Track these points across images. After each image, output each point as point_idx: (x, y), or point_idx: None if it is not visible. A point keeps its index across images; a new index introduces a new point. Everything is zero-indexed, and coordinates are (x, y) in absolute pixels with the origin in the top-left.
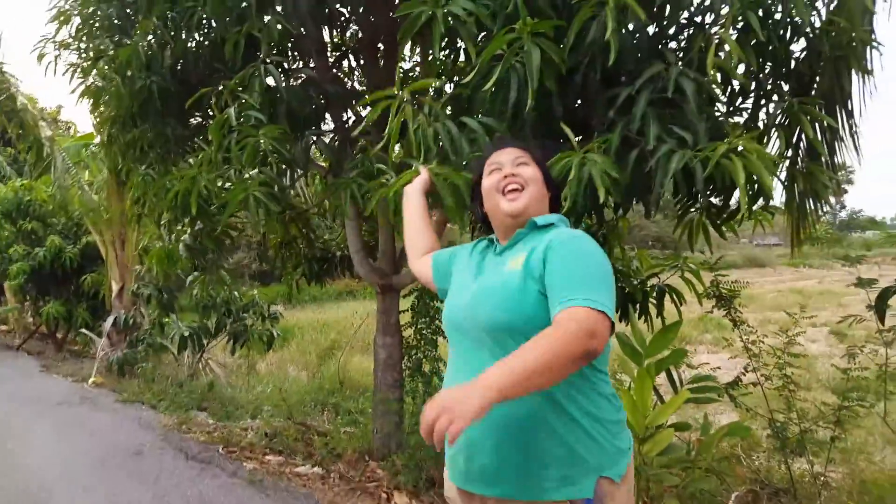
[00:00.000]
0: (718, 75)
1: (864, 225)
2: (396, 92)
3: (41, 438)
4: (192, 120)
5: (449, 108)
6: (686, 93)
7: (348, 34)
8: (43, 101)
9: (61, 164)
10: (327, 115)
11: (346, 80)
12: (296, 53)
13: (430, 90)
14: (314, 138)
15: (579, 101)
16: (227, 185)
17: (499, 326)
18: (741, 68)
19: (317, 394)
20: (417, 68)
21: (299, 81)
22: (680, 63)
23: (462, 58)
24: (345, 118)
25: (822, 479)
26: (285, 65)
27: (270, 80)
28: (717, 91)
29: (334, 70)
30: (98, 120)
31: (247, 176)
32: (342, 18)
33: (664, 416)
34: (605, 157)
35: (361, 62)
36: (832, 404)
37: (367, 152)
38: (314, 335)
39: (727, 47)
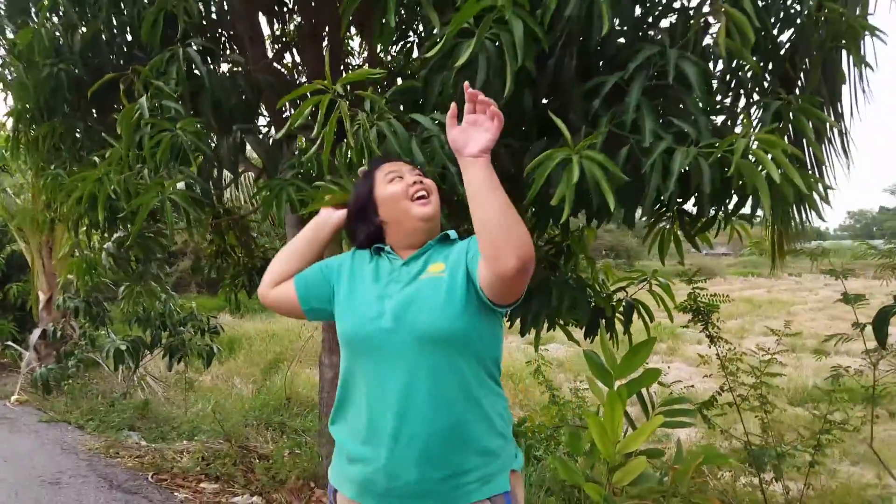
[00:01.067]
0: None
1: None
2: (330, 86)
3: None
4: (111, 114)
5: (400, 106)
6: (689, 79)
7: (291, 26)
8: None
9: None
10: (261, 110)
11: (286, 74)
12: (226, 41)
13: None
14: (243, 135)
15: (548, 92)
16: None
17: (437, 336)
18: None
19: (261, 411)
20: (366, 64)
21: (227, 70)
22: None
23: (415, 53)
24: (285, 114)
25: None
26: (213, 50)
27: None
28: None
29: (274, 63)
30: (5, 114)
31: (161, 177)
32: (284, 8)
33: (636, 444)
34: (603, 155)
35: (304, 55)
36: (802, 421)
37: (304, 152)
38: (262, 345)
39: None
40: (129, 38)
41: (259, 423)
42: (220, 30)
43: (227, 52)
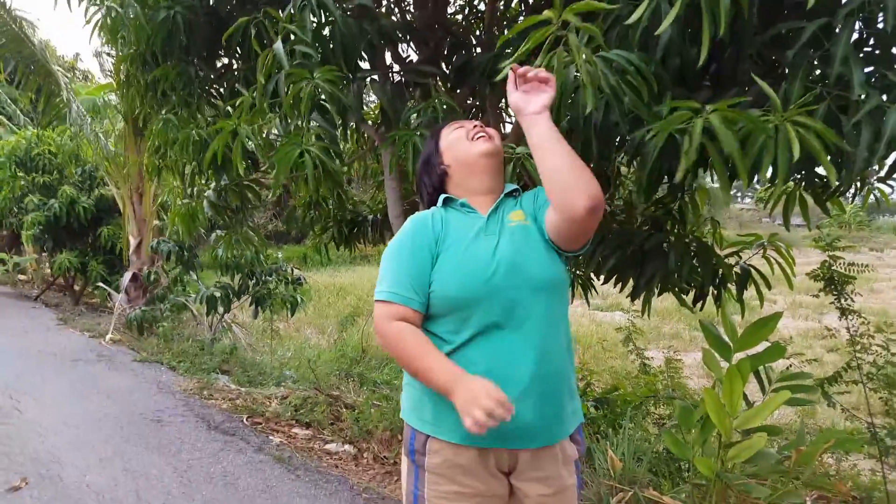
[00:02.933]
0: None
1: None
2: (556, 16)
3: (55, 399)
4: (220, 60)
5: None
6: None
7: None
8: (61, 49)
9: (76, 112)
10: (386, 55)
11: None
12: None
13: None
14: (367, 81)
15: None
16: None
17: (549, 282)
18: None
19: (339, 362)
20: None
21: (354, 12)
22: None
23: None
24: (408, 58)
25: None
26: None
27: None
28: None
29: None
30: (115, 59)
31: (294, 127)
32: None
33: (758, 420)
34: (822, 123)
35: None
36: None
37: (433, 96)
38: (331, 299)
39: None
40: None
41: (340, 373)
42: None
43: None
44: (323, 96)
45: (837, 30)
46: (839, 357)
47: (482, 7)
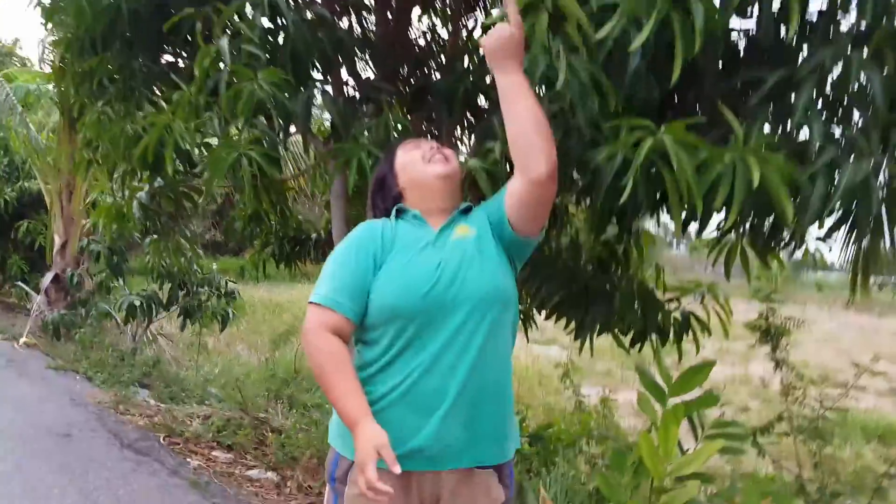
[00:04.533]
0: None
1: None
2: None
3: None
4: (165, 55)
5: None
6: (875, 89)
7: None
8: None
9: (4, 101)
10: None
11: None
12: None
13: None
14: (317, 92)
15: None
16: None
17: (490, 294)
18: None
19: (269, 382)
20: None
21: (308, 19)
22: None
23: None
24: (365, 76)
25: None
26: None
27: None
28: None
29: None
30: (51, 43)
31: (233, 131)
32: None
33: (692, 467)
34: (783, 158)
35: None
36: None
37: (384, 113)
38: (266, 315)
39: None
40: None
41: (269, 394)
42: None
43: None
44: (266, 100)
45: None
46: (763, 405)
47: (444, 35)
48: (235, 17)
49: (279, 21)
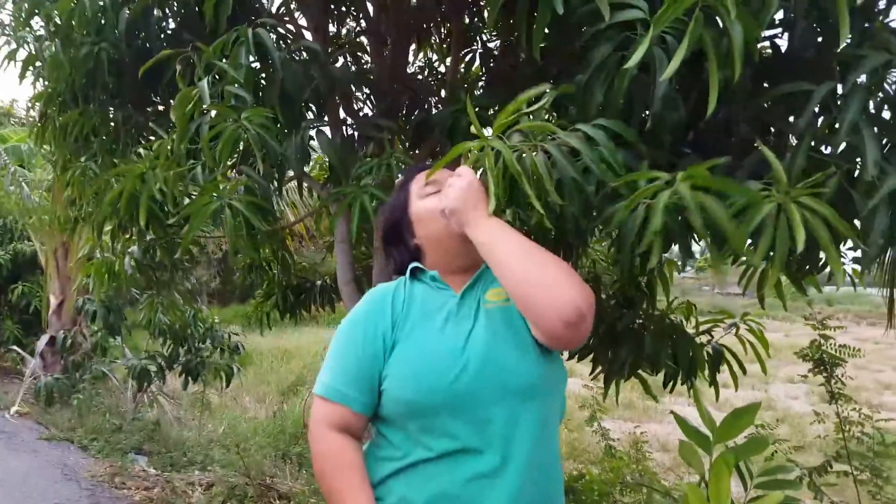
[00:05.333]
0: None
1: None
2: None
3: None
4: (150, 105)
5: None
6: None
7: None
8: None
9: None
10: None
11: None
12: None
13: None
14: (312, 133)
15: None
16: (192, 187)
17: (537, 385)
18: None
19: (277, 439)
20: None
21: (300, 56)
22: None
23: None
24: (362, 112)
25: None
26: (280, 31)
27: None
28: None
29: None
30: (31, 98)
31: (218, 177)
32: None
33: None
34: (830, 209)
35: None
36: None
37: (388, 152)
38: (273, 363)
39: None
40: (180, 18)
41: (276, 454)
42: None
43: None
44: (252, 142)
45: (845, 95)
46: (793, 431)
47: (442, 69)
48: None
49: (268, 60)
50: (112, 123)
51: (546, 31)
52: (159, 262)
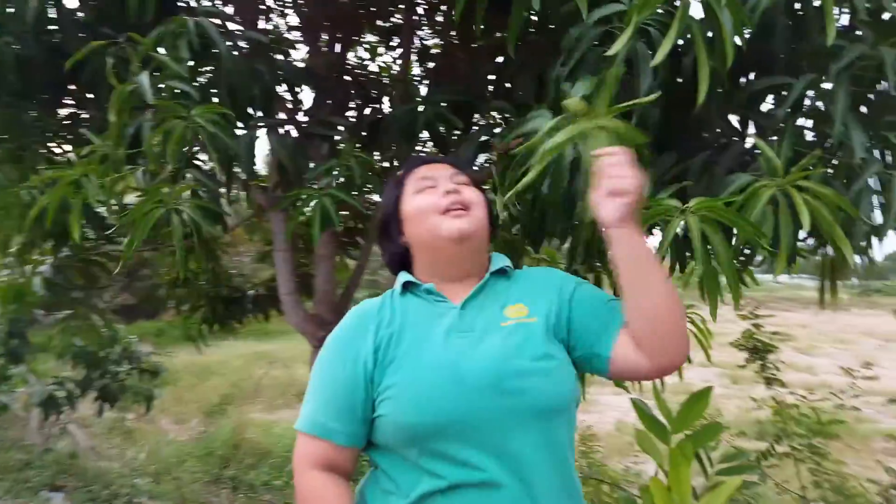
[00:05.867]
0: None
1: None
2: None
3: None
4: (63, 106)
5: None
6: None
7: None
8: None
9: None
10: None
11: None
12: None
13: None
14: (261, 130)
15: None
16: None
17: (557, 405)
18: None
19: (206, 463)
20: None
21: (244, 48)
22: None
23: None
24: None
25: None
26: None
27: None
28: None
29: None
30: None
31: (160, 180)
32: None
33: None
34: (833, 191)
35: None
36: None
37: (345, 153)
38: (192, 382)
39: None
40: (98, 10)
41: (207, 478)
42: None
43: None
44: (205, 140)
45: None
46: (737, 416)
47: (387, 59)
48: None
49: (207, 54)
50: (20, 128)
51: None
52: (71, 283)
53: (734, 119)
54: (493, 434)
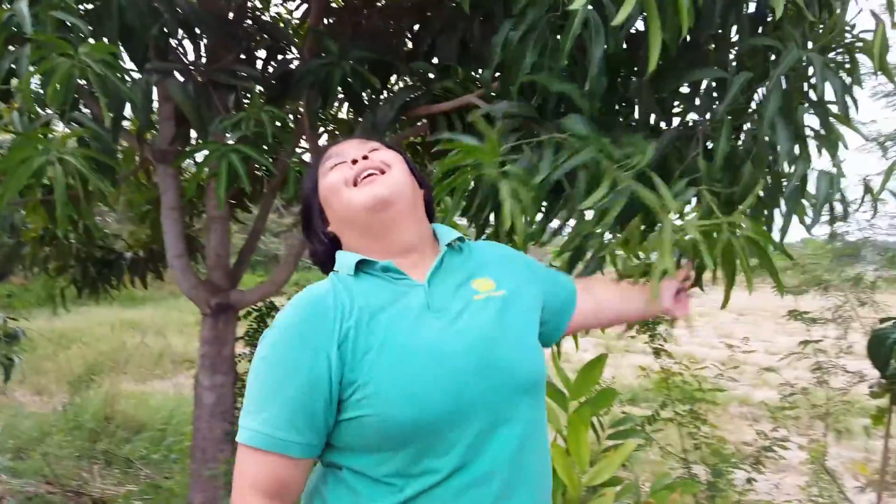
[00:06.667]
0: None
1: None
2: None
3: None
4: None
5: None
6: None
7: None
8: None
9: None
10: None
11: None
12: None
13: None
14: (158, 76)
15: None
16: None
17: (536, 380)
18: None
19: (73, 436)
20: None
21: None
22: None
23: None
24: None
25: None
26: None
27: None
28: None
29: None
30: None
31: (39, 127)
32: None
33: (607, 473)
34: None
35: None
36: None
37: (254, 105)
38: (50, 351)
39: None
40: None
41: (77, 453)
42: None
43: None
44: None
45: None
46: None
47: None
48: None
49: None
50: None
51: None
52: None
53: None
54: (485, 416)
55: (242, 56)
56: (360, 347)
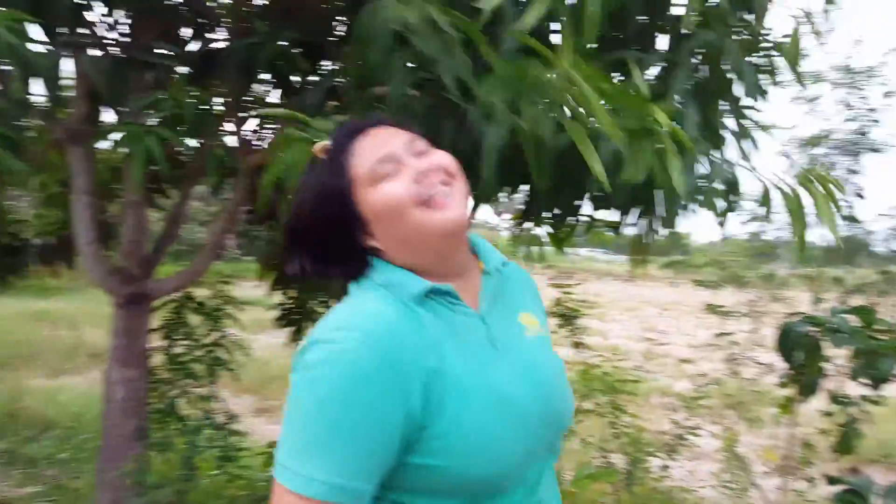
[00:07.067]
0: None
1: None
2: None
3: None
4: None
5: None
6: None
7: None
8: None
9: None
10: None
11: None
12: None
13: None
14: (69, 49)
15: None
16: None
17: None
18: None
19: None
20: None
21: None
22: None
23: None
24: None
25: None
26: None
27: None
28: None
29: None
30: None
31: None
32: None
33: None
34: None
35: None
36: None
37: (175, 86)
38: None
39: None
40: None
41: None
42: None
43: None
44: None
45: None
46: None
47: None
48: None
49: None
50: None
51: None
52: None
53: None
54: (542, 460)
55: (165, 32)
56: (437, 391)
